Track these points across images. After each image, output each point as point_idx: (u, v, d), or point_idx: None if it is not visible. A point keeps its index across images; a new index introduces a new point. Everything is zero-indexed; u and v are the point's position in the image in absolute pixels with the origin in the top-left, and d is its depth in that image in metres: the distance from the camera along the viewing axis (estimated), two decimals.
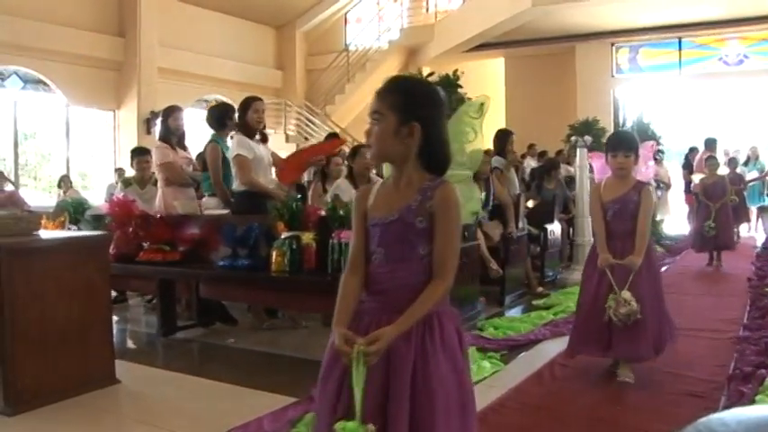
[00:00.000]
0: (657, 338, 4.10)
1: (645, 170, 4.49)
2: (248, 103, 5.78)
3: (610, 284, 4.02)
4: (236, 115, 5.97)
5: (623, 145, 4.12)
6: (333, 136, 10.73)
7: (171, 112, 6.51)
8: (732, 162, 12.39)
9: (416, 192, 2.09)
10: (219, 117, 6.15)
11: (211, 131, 6.15)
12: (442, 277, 2.07)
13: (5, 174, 11.71)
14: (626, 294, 3.90)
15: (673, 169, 14.13)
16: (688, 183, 12.89)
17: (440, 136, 2.14)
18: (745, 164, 13.84)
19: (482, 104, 2.62)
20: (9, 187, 10.66)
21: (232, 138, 5.88)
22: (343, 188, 5.94)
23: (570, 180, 9.80)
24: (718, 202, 8.95)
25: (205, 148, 6.10)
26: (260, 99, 5.90)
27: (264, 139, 5.95)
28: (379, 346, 1.92)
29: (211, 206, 6.07)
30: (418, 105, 2.11)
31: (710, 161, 9.44)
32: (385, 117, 2.09)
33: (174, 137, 6.40)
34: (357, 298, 2.17)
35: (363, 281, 2.18)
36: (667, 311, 4.32)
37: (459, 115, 2.60)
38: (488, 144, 8.25)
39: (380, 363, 1.96)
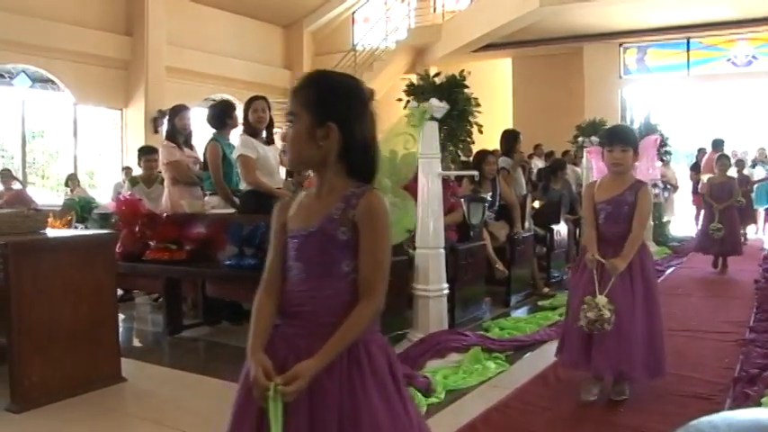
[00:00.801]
0: (650, 358, 3.73)
1: (651, 171, 4.32)
2: (250, 103, 5.80)
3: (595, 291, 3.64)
4: (241, 115, 5.99)
5: (619, 138, 3.77)
6: None
7: (178, 112, 6.53)
8: (740, 163, 12.36)
9: (339, 200, 1.86)
10: (219, 116, 6.15)
11: (212, 130, 6.16)
12: (369, 298, 1.83)
13: (13, 172, 11.76)
14: (600, 299, 3.52)
15: (680, 170, 14.10)
16: (696, 183, 12.84)
17: (362, 137, 1.90)
18: (753, 165, 13.80)
19: (424, 112, 2.43)
20: (17, 186, 10.70)
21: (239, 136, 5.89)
22: None
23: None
24: (723, 203, 8.59)
25: (205, 148, 6.11)
26: (261, 98, 5.90)
27: (270, 141, 5.94)
28: (298, 385, 1.69)
29: (213, 205, 6.08)
30: (334, 103, 1.88)
31: (722, 160, 9.09)
32: (299, 118, 1.88)
33: (180, 136, 6.41)
34: (273, 319, 1.92)
35: (279, 302, 1.93)
36: (662, 337, 3.86)
37: (401, 121, 2.47)
38: (494, 144, 8.26)
39: (302, 401, 1.73)
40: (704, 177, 10.87)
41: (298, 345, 1.82)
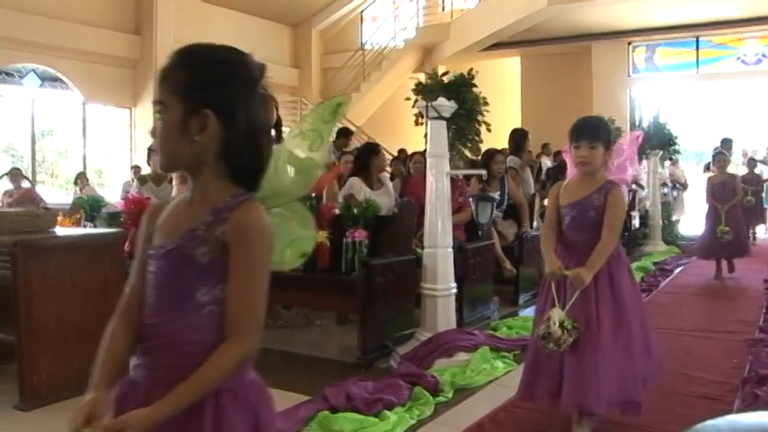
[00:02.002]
0: (620, 392, 3.12)
1: (628, 170, 3.65)
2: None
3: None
4: None
5: (586, 132, 3.25)
6: (344, 132, 10.75)
7: None
8: (751, 162, 12.29)
9: (208, 211, 1.49)
10: None
11: None
12: (233, 340, 1.44)
13: (23, 171, 11.80)
14: (555, 313, 3.03)
15: (689, 169, 14.06)
16: None
17: (247, 128, 1.53)
18: (763, 163, 13.73)
19: (339, 105, 1.93)
20: (26, 184, 10.73)
21: None
22: (356, 187, 5.94)
23: None
24: (727, 203, 8.02)
25: None
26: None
27: (279, 139, 5.94)
28: None
29: None
30: (209, 84, 1.51)
31: (719, 157, 8.52)
32: (168, 107, 1.51)
33: None
34: (126, 353, 1.58)
35: (138, 332, 1.57)
36: (639, 361, 3.21)
37: (308, 116, 1.97)
38: (503, 143, 8.24)
39: None
40: (685, 177, 10.78)
41: (151, 390, 1.47)
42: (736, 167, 12.23)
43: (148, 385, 1.47)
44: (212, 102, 1.48)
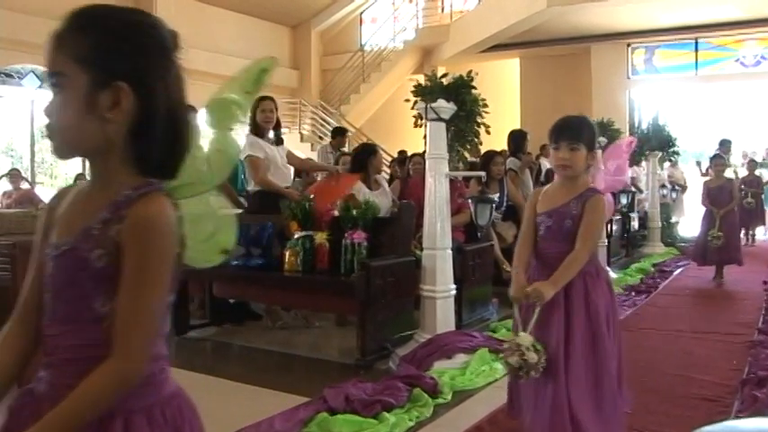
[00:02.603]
0: (595, 424, 2.69)
1: (616, 175, 3.32)
2: (257, 103, 5.80)
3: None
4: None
5: (568, 133, 2.89)
6: (338, 131, 10.76)
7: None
8: (752, 164, 12.28)
9: (106, 205, 1.26)
10: None
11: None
12: (117, 357, 1.22)
13: (22, 172, 11.80)
14: (523, 338, 2.65)
15: (689, 171, 14.06)
16: None
17: (167, 105, 1.31)
18: (762, 165, 13.73)
19: (263, 71, 1.60)
20: (25, 185, 10.74)
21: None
22: (356, 188, 5.94)
23: None
24: (723, 208, 7.86)
25: None
26: (269, 98, 5.89)
27: (279, 141, 5.95)
28: None
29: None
30: (122, 51, 1.27)
31: (716, 160, 8.34)
32: (68, 78, 1.26)
33: None
34: (14, 365, 1.42)
35: (34, 340, 1.38)
36: (614, 396, 2.79)
37: (226, 86, 1.64)
38: (502, 144, 8.24)
39: None
40: (684, 179, 10.73)
41: (46, 407, 1.27)
42: (736, 169, 12.22)
43: (49, 404, 1.26)
44: (126, 72, 1.25)
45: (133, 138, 1.27)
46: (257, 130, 5.73)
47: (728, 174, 9.05)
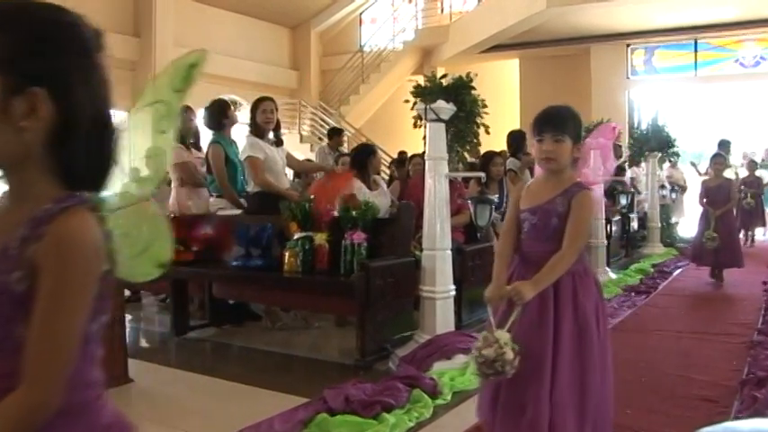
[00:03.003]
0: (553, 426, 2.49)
1: (602, 171, 3.03)
2: (258, 104, 5.80)
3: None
4: (239, 113, 5.97)
5: (552, 123, 2.74)
6: (335, 131, 10.75)
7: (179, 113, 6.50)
8: (752, 165, 12.26)
9: (25, 222, 1.13)
10: (215, 116, 6.14)
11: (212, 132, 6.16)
12: (25, 387, 1.09)
13: None
14: (501, 334, 2.41)
15: (688, 172, 14.05)
16: None
17: (90, 110, 1.19)
18: (760, 166, 13.71)
19: (192, 67, 1.48)
20: None
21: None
22: (356, 188, 5.94)
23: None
24: (719, 208, 7.67)
25: (207, 150, 6.10)
26: (269, 99, 5.89)
27: (279, 142, 5.95)
28: None
29: (219, 206, 6.07)
30: (38, 53, 1.15)
31: (716, 159, 8.09)
32: None
33: (186, 137, 6.40)
34: None
35: None
36: (605, 405, 2.65)
37: (154, 85, 1.49)
38: (502, 145, 8.25)
39: None
40: (684, 180, 10.66)
41: None
42: (736, 170, 12.20)
43: None
44: (43, 76, 1.13)
45: (54, 147, 1.16)
46: (257, 130, 5.73)
47: (728, 174, 8.88)
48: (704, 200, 7.87)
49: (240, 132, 6.26)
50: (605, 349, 2.67)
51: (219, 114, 6.14)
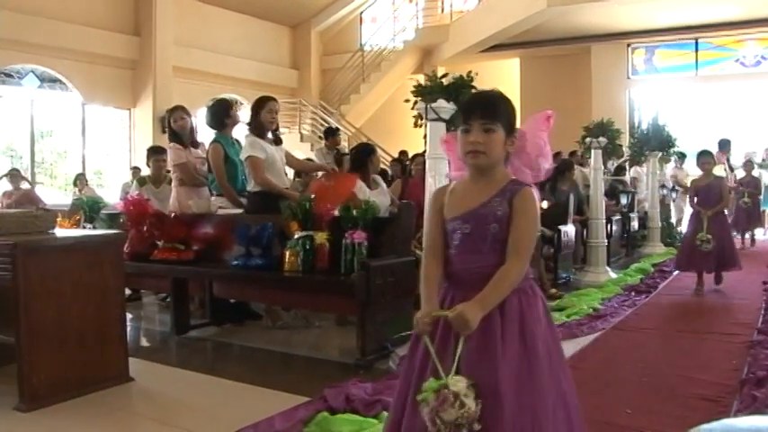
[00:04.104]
0: None
1: (537, 164, 2.45)
2: (263, 103, 5.78)
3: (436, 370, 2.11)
4: (239, 112, 5.98)
5: (480, 110, 2.28)
6: (330, 131, 10.75)
7: (172, 114, 6.52)
8: (748, 164, 12.23)
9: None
10: (217, 116, 6.14)
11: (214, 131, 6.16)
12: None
13: (22, 172, 11.81)
14: (454, 382, 2.02)
15: (695, 171, 14.01)
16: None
17: None
18: (761, 165, 13.67)
19: None
20: (25, 185, 10.74)
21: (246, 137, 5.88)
22: (357, 187, 5.94)
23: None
24: (711, 208, 7.19)
25: (208, 149, 6.11)
26: (274, 99, 5.90)
27: (278, 141, 5.95)
28: None
29: (220, 205, 6.08)
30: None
31: (703, 158, 7.53)
32: None
33: (183, 137, 6.39)
34: None
35: None
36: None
37: None
38: None
39: None
40: (688, 180, 10.48)
41: None
42: (725, 168, 12.14)
43: None
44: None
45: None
46: (259, 129, 5.72)
47: (718, 172, 8.50)
48: (694, 200, 7.47)
49: (239, 132, 6.25)
50: (559, 379, 2.23)
51: (222, 114, 6.15)
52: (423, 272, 2.43)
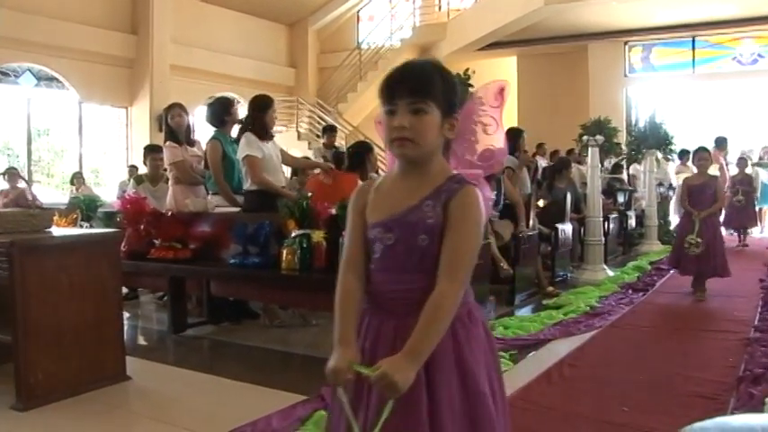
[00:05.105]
0: None
1: (467, 156, 1.98)
2: (269, 104, 5.80)
3: None
4: (240, 114, 5.98)
5: (407, 86, 1.76)
6: (326, 129, 10.74)
7: (170, 111, 6.51)
8: (742, 162, 12.19)
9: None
10: (217, 114, 6.14)
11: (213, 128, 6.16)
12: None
13: (18, 170, 11.79)
14: None
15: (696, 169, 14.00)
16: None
17: None
18: (758, 164, 13.66)
19: None
20: (22, 184, 10.73)
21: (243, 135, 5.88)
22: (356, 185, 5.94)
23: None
24: (704, 210, 6.74)
25: (206, 147, 6.10)
26: (273, 99, 5.96)
27: (270, 137, 5.94)
28: None
29: (216, 204, 6.08)
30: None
31: (700, 154, 7.05)
32: None
33: (179, 134, 6.39)
34: None
35: None
36: None
37: None
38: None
39: None
40: (679, 178, 10.33)
41: None
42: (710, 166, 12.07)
43: None
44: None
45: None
46: (261, 130, 5.72)
47: (713, 171, 8.04)
48: (686, 200, 6.97)
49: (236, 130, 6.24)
50: (505, 426, 1.81)
51: (222, 112, 6.15)
52: (337, 292, 1.83)
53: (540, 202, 8.35)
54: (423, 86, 1.75)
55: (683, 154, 12.37)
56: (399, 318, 1.72)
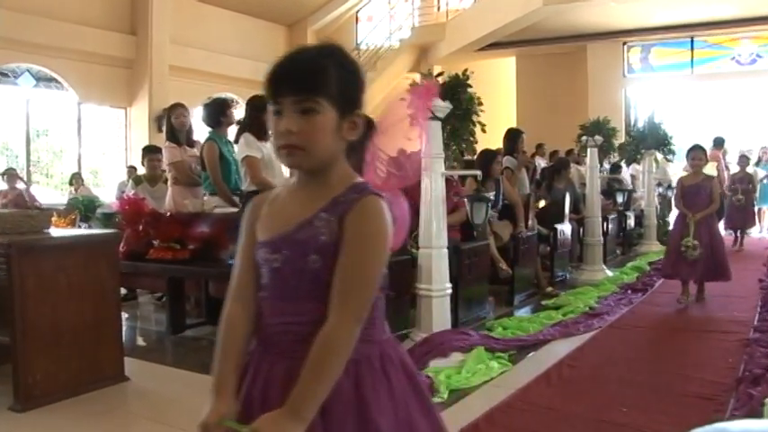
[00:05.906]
0: None
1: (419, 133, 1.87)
2: (267, 104, 5.78)
3: None
4: (236, 113, 5.96)
5: (293, 82, 1.48)
6: None
7: (173, 110, 6.51)
8: (743, 160, 12.17)
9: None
10: (214, 114, 6.12)
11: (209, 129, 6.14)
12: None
13: (17, 171, 11.79)
14: None
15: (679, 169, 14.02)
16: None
17: None
18: (757, 164, 13.67)
19: None
20: (21, 185, 10.73)
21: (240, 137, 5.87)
22: None
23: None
24: (699, 211, 6.45)
25: (202, 147, 6.09)
26: None
27: (269, 137, 5.92)
28: None
29: (214, 204, 6.07)
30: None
31: (695, 153, 6.71)
32: None
33: (180, 134, 6.38)
34: None
35: None
36: None
37: None
38: (498, 143, 8.25)
39: None
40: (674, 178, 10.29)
41: None
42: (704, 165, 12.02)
43: None
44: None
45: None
46: (260, 131, 5.70)
47: (709, 171, 7.76)
48: (681, 201, 6.69)
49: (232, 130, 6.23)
50: None
51: (218, 113, 6.13)
52: (222, 325, 1.56)
53: (540, 203, 8.35)
54: (311, 81, 1.44)
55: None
56: (292, 358, 1.42)
